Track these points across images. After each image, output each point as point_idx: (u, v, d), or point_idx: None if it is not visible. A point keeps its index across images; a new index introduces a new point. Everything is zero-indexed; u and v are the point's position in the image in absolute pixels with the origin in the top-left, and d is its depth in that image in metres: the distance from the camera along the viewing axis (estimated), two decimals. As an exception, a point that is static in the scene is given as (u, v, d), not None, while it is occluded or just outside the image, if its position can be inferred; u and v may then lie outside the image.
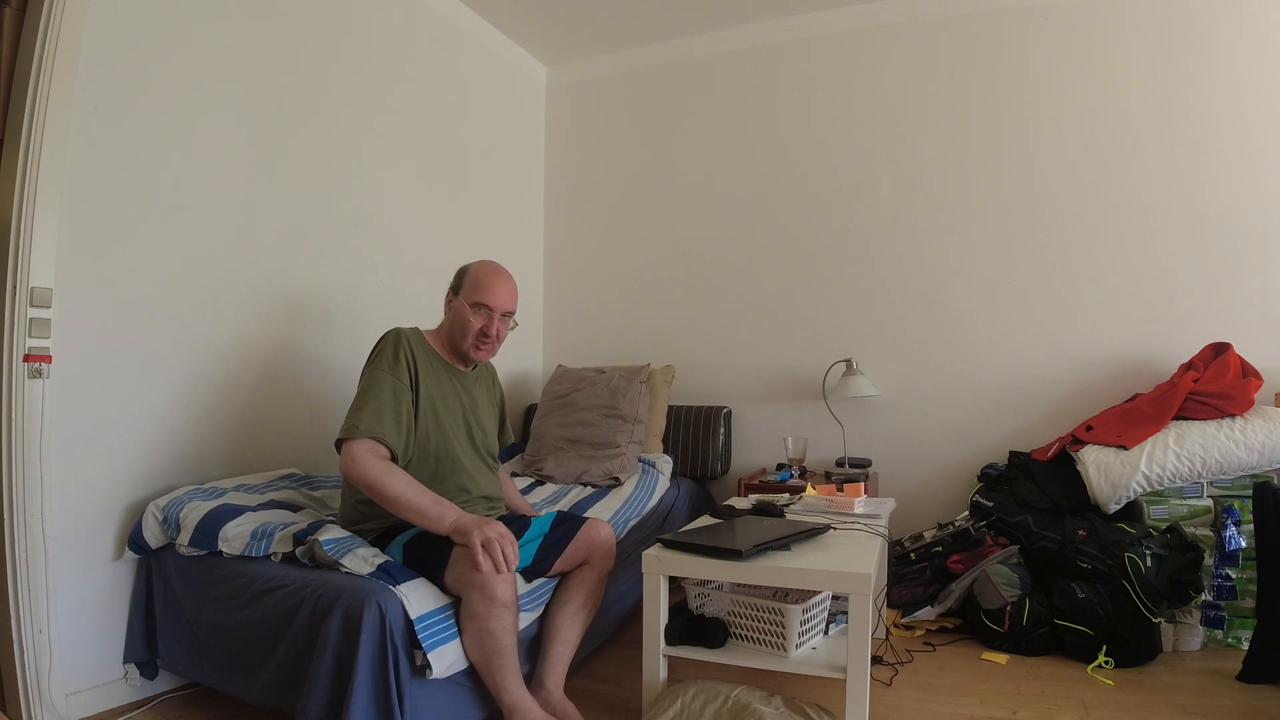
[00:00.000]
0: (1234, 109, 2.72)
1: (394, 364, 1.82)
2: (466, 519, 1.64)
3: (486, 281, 1.91)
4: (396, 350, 1.84)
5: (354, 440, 1.68)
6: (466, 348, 1.92)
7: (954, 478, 3.04)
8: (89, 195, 1.89)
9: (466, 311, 1.89)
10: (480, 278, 1.92)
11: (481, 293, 1.90)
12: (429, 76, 3.08)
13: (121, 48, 1.96)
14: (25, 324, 1.74)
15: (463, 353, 1.95)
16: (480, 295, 1.89)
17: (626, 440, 2.92)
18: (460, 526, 1.63)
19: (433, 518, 1.64)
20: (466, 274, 1.95)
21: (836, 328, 3.25)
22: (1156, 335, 2.79)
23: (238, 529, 1.81)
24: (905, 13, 3.18)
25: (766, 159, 3.41)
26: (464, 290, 1.93)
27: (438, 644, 1.56)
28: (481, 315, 1.90)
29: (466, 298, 1.91)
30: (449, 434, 1.90)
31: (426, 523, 1.65)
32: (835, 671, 1.65)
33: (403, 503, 1.63)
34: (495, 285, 1.91)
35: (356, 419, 1.72)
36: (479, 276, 1.92)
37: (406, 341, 1.87)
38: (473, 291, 1.91)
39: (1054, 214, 2.94)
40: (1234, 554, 2.24)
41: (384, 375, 1.80)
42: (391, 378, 1.80)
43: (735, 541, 1.74)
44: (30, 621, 1.74)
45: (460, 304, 1.92)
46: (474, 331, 1.90)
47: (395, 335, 1.88)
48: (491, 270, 1.94)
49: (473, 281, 1.92)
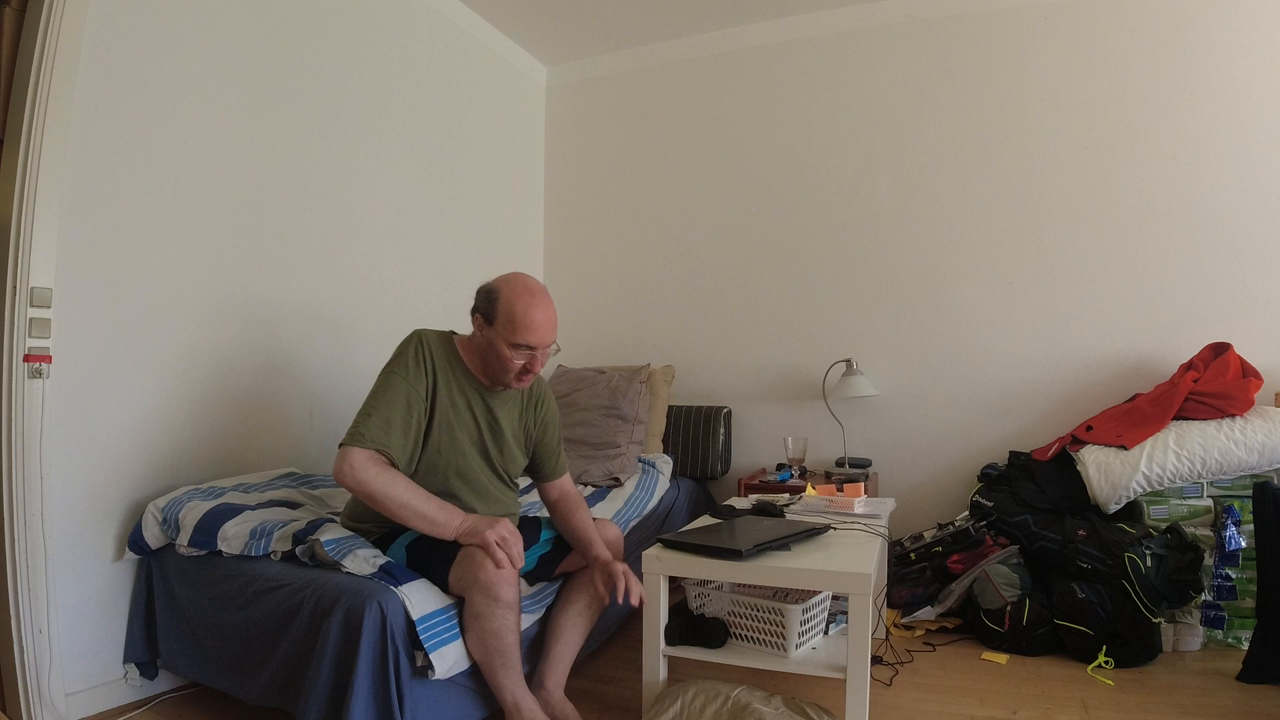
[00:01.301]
0: (1234, 108, 2.72)
1: (412, 370, 1.72)
2: (474, 521, 1.63)
3: (526, 319, 1.67)
4: (418, 356, 1.74)
5: (354, 447, 1.60)
6: (507, 381, 1.76)
7: (954, 478, 3.04)
8: (89, 195, 1.89)
9: (505, 352, 1.69)
10: (518, 314, 1.67)
11: (521, 333, 1.67)
12: (429, 76, 3.08)
13: (121, 48, 1.96)
14: (25, 324, 1.74)
15: (501, 384, 1.80)
16: (520, 336, 1.67)
17: (626, 440, 2.92)
18: (468, 529, 1.62)
19: (439, 524, 1.62)
20: (499, 303, 1.69)
21: (836, 328, 3.26)
22: (1156, 335, 2.79)
23: (236, 528, 1.81)
24: (905, 13, 3.18)
25: (766, 158, 3.41)
26: (499, 325, 1.69)
27: (440, 644, 1.56)
28: (523, 354, 1.70)
29: (504, 336, 1.68)
30: (462, 450, 1.79)
31: (434, 529, 1.63)
32: (835, 671, 1.65)
33: (407, 511, 1.60)
34: (535, 322, 1.68)
35: (364, 426, 1.63)
36: (516, 312, 1.67)
37: (429, 348, 1.76)
38: (510, 330, 1.67)
39: (1054, 214, 2.94)
40: (1234, 554, 2.24)
41: (399, 382, 1.70)
42: (407, 385, 1.70)
43: (735, 541, 1.74)
44: (30, 621, 1.74)
45: (496, 339, 1.70)
46: (514, 370, 1.72)
47: (417, 340, 1.77)
48: (528, 303, 1.68)
49: (509, 318, 1.67)
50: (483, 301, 1.74)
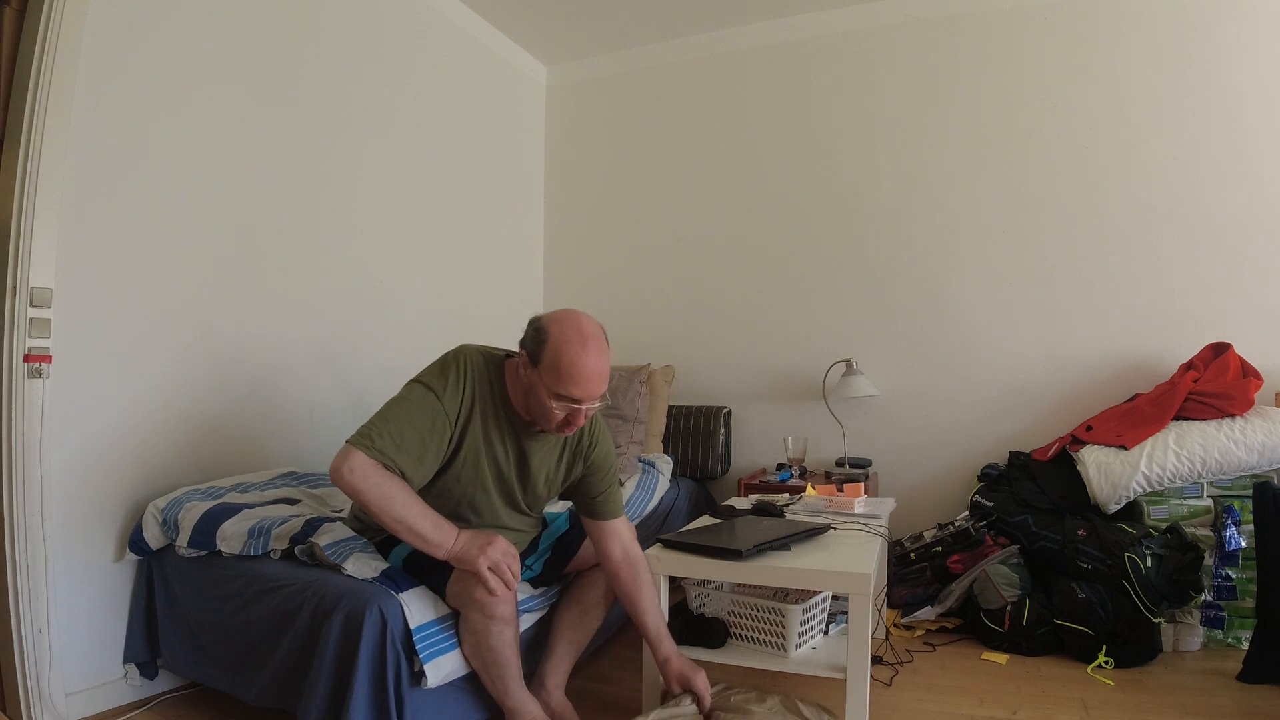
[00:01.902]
0: (1233, 109, 2.72)
1: (449, 391, 1.57)
2: (465, 545, 1.53)
3: (575, 371, 1.50)
4: (458, 378, 1.58)
5: (358, 450, 1.47)
6: (547, 429, 1.60)
7: (954, 478, 3.04)
8: (89, 195, 1.89)
9: (546, 400, 1.53)
10: (565, 364, 1.49)
11: (566, 385, 1.50)
12: (429, 76, 3.08)
13: (122, 48, 1.96)
14: (25, 324, 1.74)
15: (541, 428, 1.63)
16: (565, 388, 1.50)
17: (626, 440, 2.92)
18: (460, 555, 1.52)
19: (433, 543, 1.51)
20: (547, 345, 1.52)
21: (836, 328, 3.25)
22: (1156, 335, 2.79)
23: (235, 527, 1.81)
24: (905, 13, 3.18)
25: (766, 158, 3.41)
26: (544, 370, 1.52)
27: (435, 655, 1.55)
28: (565, 407, 1.53)
29: (548, 383, 1.51)
30: (483, 484, 1.67)
31: (427, 548, 1.52)
32: (835, 671, 1.65)
33: (401, 526, 1.49)
34: (584, 376, 1.51)
35: (376, 432, 1.49)
36: (563, 361, 1.50)
37: (472, 369, 1.61)
38: (555, 379, 1.51)
39: (1054, 214, 2.94)
40: (1234, 554, 2.24)
41: (430, 399, 1.55)
42: (438, 404, 1.55)
43: (735, 541, 1.75)
44: (30, 621, 1.74)
45: (538, 384, 1.53)
46: (555, 421, 1.56)
47: (462, 358, 1.61)
48: (578, 352, 1.50)
49: (554, 365, 1.50)
50: (530, 340, 1.56)
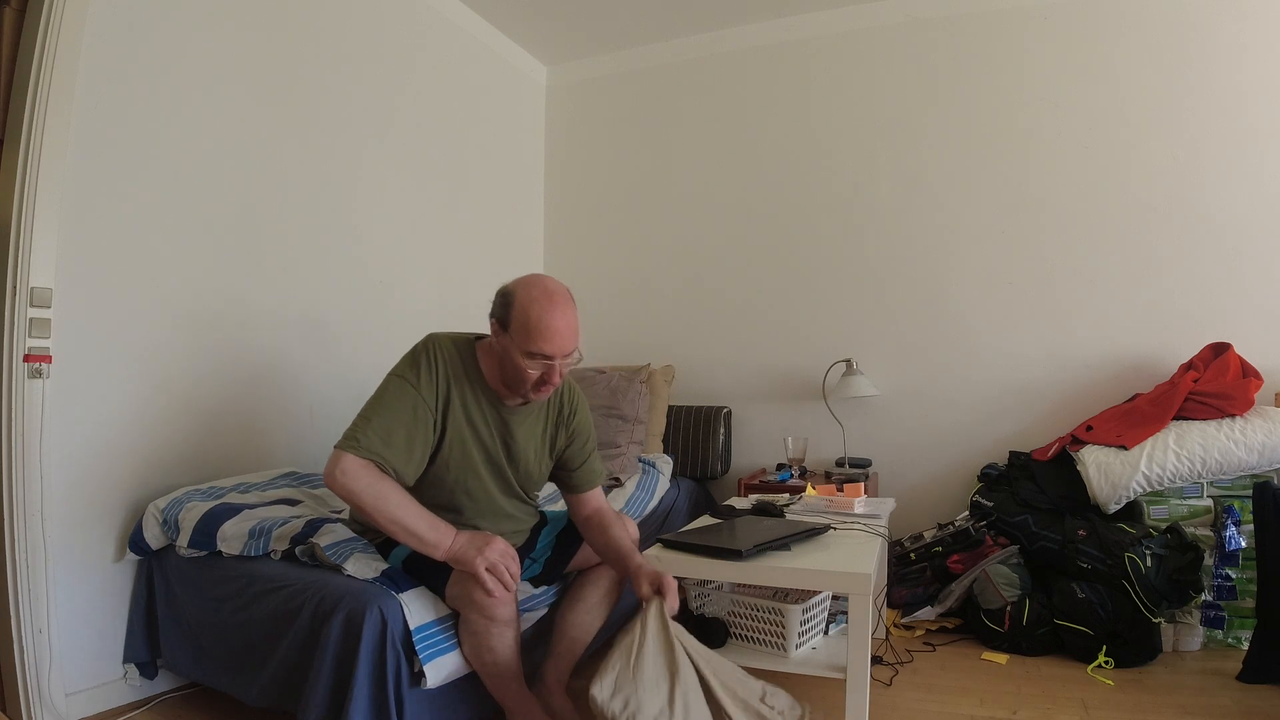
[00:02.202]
0: (1233, 109, 2.72)
1: (423, 379, 1.59)
2: (463, 546, 1.52)
3: (542, 326, 1.53)
4: (430, 364, 1.61)
5: (348, 453, 1.48)
6: (523, 394, 1.62)
7: (954, 478, 3.04)
8: (89, 195, 1.89)
9: (519, 361, 1.55)
10: (533, 320, 1.53)
11: (536, 340, 1.53)
12: (429, 77, 3.08)
13: (122, 48, 1.96)
14: (25, 324, 1.75)
15: (518, 396, 1.66)
16: (536, 344, 1.53)
17: (626, 440, 2.92)
18: (458, 556, 1.52)
19: (430, 544, 1.51)
20: (514, 307, 1.56)
21: (836, 328, 3.25)
22: (1156, 335, 2.79)
23: (235, 528, 1.81)
24: (905, 13, 3.18)
25: (766, 158, 3.41)
26: (514, 331, 1.55)
27: (434, 656, 1.55)
28: (538, 364, 1.56)
29: (519, 344, 1.54)
30: (474, 468, 1.67)
31: (424, 549, 1.53)
32: (835, 671, 1.65)
33: (396, 527, 1.50)
34: (553, 329, 1.54)
35: (362, 432, 1.51)
36: (531, 318, 1.53)
37: (442, 355, 1.63)
38: (525, 338, 1.53)
39: (1054, 214, 2.94)
40: (1234, 554, 2.24)
41: (408, 390, 1.57)
42: (415, 393, 1.57)
43: (735, 541, 1.75)
44: (30, 621, 1.74)
45: (511, 347, 1.56)
46: (530, 381, 1.58)
47: (431, 346, 1.63)
48: (545, 308, 1.55)
49: (523, 325, 1.54)
50: (499, 306, 1.60)
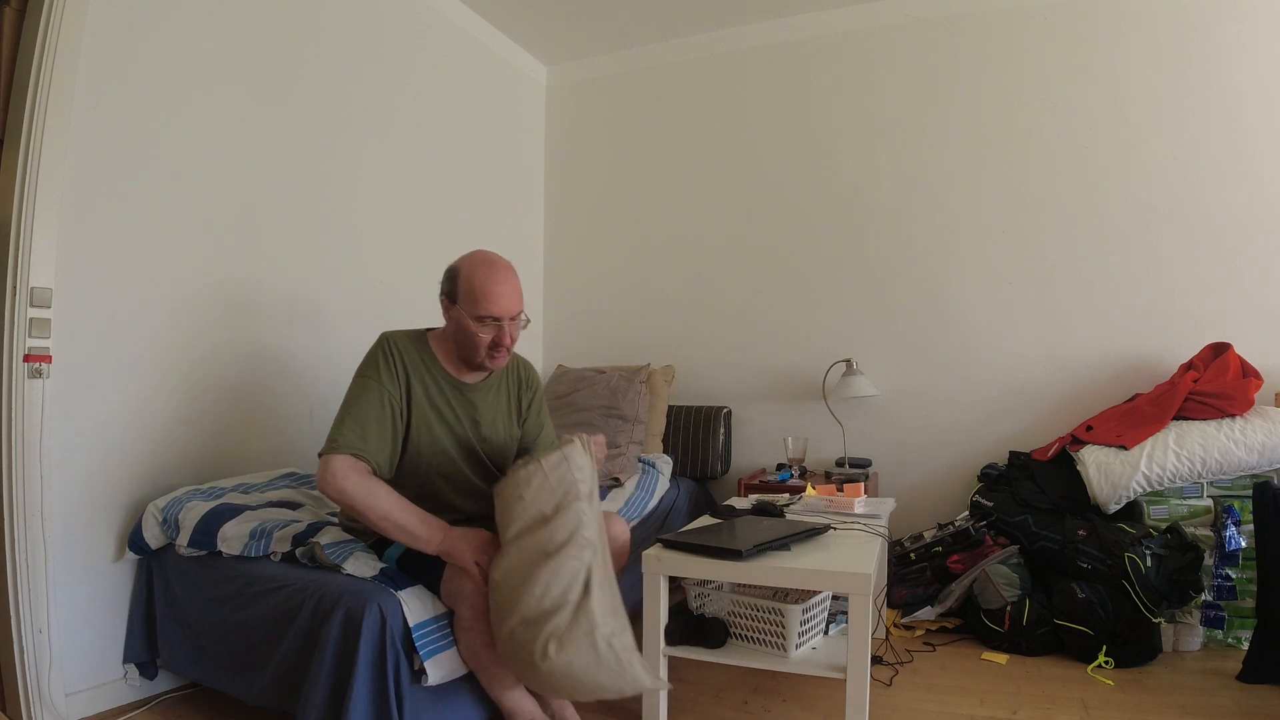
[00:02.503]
0: (1233, 109, 2.72)
1: (384, 373, 1.69)
2: (454, 541, 1.58)
3: (486, 289, 1.66)
4: (387, 359, 1.71)
5: (333, 455, 1.57)
6: (480, 361, 1.73)
7: (954, 478, 3.03)
8: (89, 195, 1.89)
9: (471, 326, 1.68)
10: (477, 285, 1.67)
11: (484, 304, 1.66)
12: (429, 77, 3.08)
13: (122, 48, 1.96)
14: (25, 324, 1.74)
15: (474, 364, 1.77)
16: (483, 308, 1.66)
17: (626, 440, 2.92)
18: (449, 550, 1.58)
19: (420, 538, 1.58)
20: (459, 279, 1.70)
21: (836, 328, 3.25)
22: (1156, 335, 2.78)
23: (236, 529, 1.81)
24: (905, 13, 3.18)
25: (766, 158, 3.40)
26: (462, 300, 1.69)
27: (434, 652, 1.56)
28: (489, 327, 1.68)
29: (467, 310, 1.68)
30: (445, 451, 1.76)
31: (415, 543, 1.59)
32: (835, 671, 1.65)
33: (387, 524, 1.57)
34: (496, 292, 1.67)
35: (338, 432, 1.61)
36: (475, 284, 1.67)
37: (398, 348, 1.73)
38: (472, 302, 1.67)
39: (1054, 214, 2.94)
40: (1234, 554, 2.24)
41: (371, 384, 1.67)
42: (379, 386, 1.67)
43: (735, 541, 1.74)
44: (30, 621, 1.74)
45: (462, 316, 1.69)
46: (484, 346, 1.70)
47: (382, 342, 1.74)
48: (487, 273, 1.68)
49: (469, 291, 1.67)
50: (446, 282, 1.74)
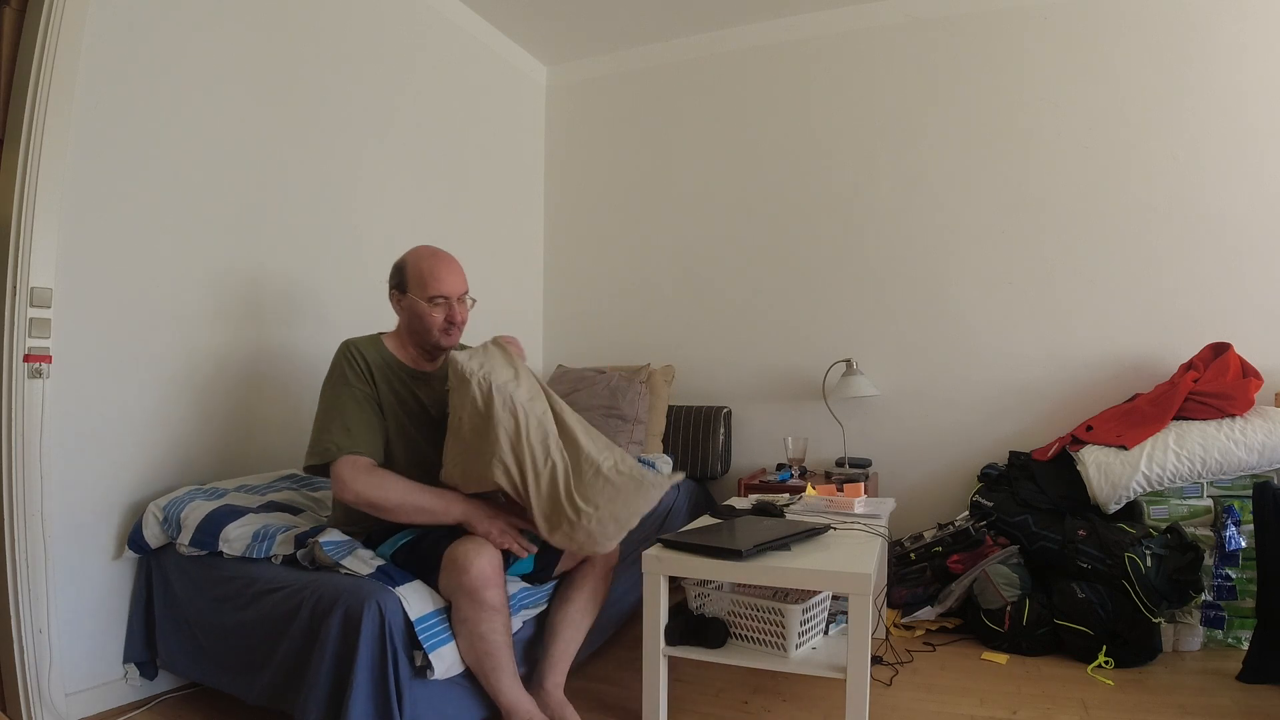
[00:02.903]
0: (1233, 109, 2.72)
1: (351, 377, 1.77)
2: (474, 509, 1.68)
3: (433, 272, 1.83)
4: (351, 363, 1.79)
5: (336, 462, 1.64)
6: (435, 340, 1.85)
7: (954, 478, 3.04)
8: (89, 195, 1.89)
9: (424, 308, 1.82)
10: (425, 270, 1.83)
11: (433, 285, 1.82)
12: (429, 76, 3.08)
13: (122, 47, 1.96)
14: (25, 324, 1.74)
15: (430, 345, 1.87)
16: (433, 289, 1.82)
17: (626, 441, 2.92)
18: (469, 517, 1.67)
19: (439, 513, 1.66)
20: (407, 269, 1.86)
21: (836, 328, 3.25)
22: (1156, 335, 2.78)
23: (239, 530, 1.81)
24: (905, 13, 3.18)
25: (766, 158, 3.41)
26: (411, 287, 1.83)
27: (438, 645, 1.56)
28: (441, 307, 1.83)
29: (418, 294, 1.82)
30: (415, 442, 1.83)
31: (435, 519, 1.67)
32: (835, 671, 1.65)
33: (405, 509, 1.65)
34: (442, 273, 1.84)
35: (328, 441, 1.67)
36: (423, 269, 1.84)
37: (358, 352, 1.81)
38: (422, 287, 1.82)
39: (1053, 214, 2.94)
40: (1234, 554, 2.24)
41: (342, 389, 1.75)
42: (349, 388, 1.75)
43: (735, 541, 1.75)
44: (30, 621, 1.74)
45: (414, 302, 1.83)
46: (439, 324, 1.83)
47: (344, 349, 1.82)
48: (431, 258, 1.86)
49: (418, 276, 1.83)
50: (394, 276, 1.88)
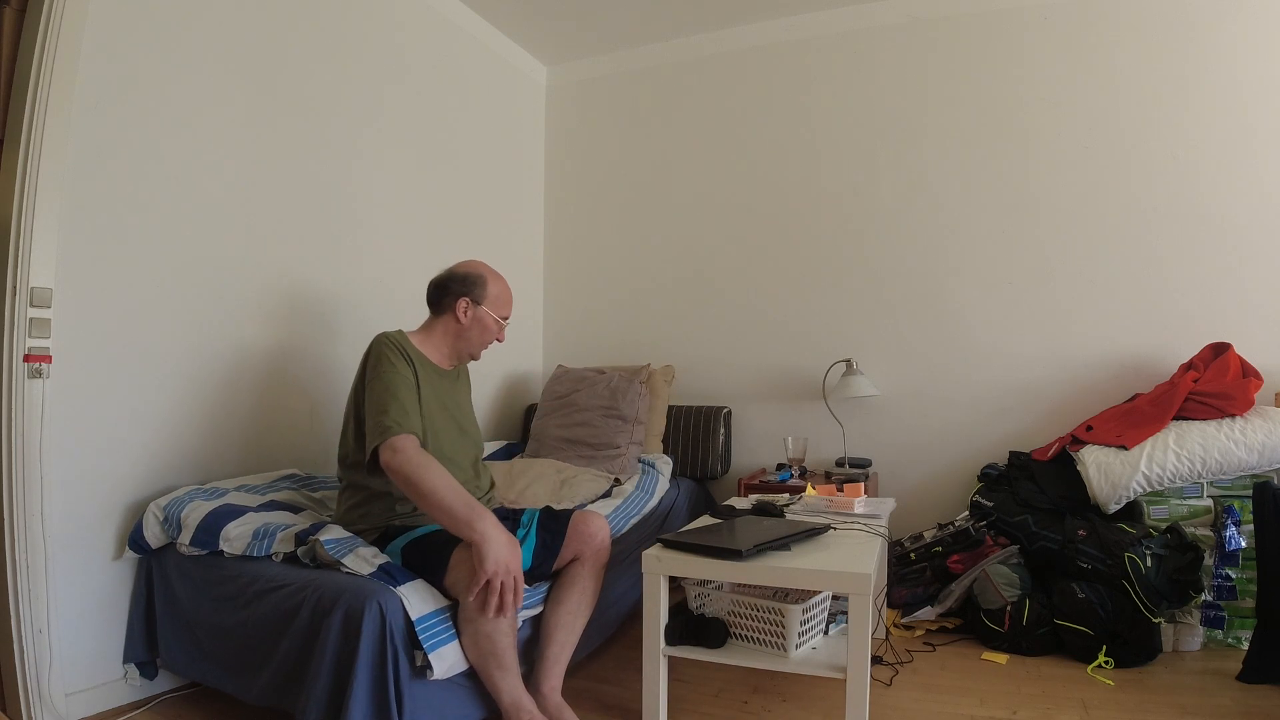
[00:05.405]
0: (1233, 108, 2.72)
1: (397, 364, 1.82)
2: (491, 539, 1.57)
3: (508, 296, 2.04)
4: (401, 352, 1.85)
5: (396, 436, 1.68)
6: (477, 353, 2.03)
7: (954, 478, 3.04)
8: (89, 195, 1.89)
9: (492, 323, 1.99)
10: (503, 291, 2.02)
11: (507, 307, 2.03)
12: (428, 76, 3.08)
13: (121, 47, 1.96)
14: (25, 324, 1.74)
15: (469, 354, 2.03)
16: (506, 310, 2.02)
17: (626, 441, 2.92)
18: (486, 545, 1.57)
19: (461, 522, 1.60)
20: (487, 285, 1.98)
21: (836, 328, 3.25)
22: (1156, 335, 2.78)
23: (239, 529, 1.81)
24: (905, 12, 3.18)
25: (766, 158, 3.41)
26: (489, 302, 1.98)
27: (438, 645, 1.56)
28: (502, 327, 2.02)
29: (494, 310, 1.99)
30: (447, 433, 1.91)
31: (453, 526, 1.62)
32: (835, 671, 1.65)
33: (434, 499, 1.62)
34: (510, 298, 2.05)
35: (389, 420, 1.70)
36: (501, 290, 2.01)
37: (398, 344, 1.88)
38: (499, 305, 2.00)
39: (1053, 214, 2.94)
40: (1234, 554, 2.24)
41: (393, 375, 1.79)
42: (400, 375, 1.81)
43: (735, 541, 1.74)
44: (30, 621, 1.74)
45: (486, 314, 1.97)
46: (494, 340, 2.02)
47: (386, 340, 1.87)
48: (503, 281, 2.04)
49: (498, 295, 2.00)
50: (472, 287, 1.97)
